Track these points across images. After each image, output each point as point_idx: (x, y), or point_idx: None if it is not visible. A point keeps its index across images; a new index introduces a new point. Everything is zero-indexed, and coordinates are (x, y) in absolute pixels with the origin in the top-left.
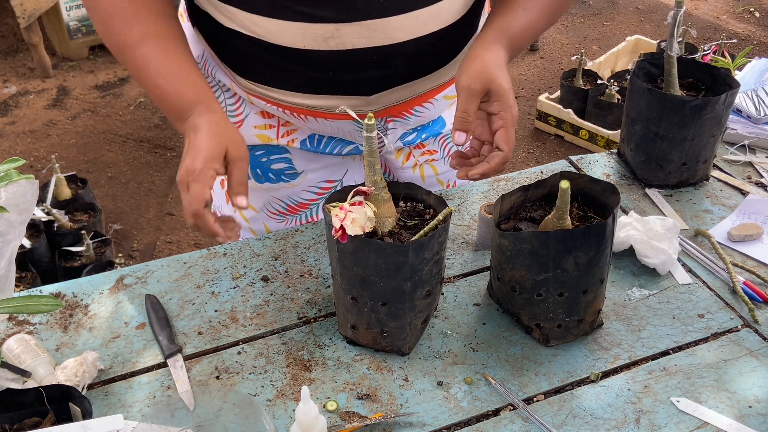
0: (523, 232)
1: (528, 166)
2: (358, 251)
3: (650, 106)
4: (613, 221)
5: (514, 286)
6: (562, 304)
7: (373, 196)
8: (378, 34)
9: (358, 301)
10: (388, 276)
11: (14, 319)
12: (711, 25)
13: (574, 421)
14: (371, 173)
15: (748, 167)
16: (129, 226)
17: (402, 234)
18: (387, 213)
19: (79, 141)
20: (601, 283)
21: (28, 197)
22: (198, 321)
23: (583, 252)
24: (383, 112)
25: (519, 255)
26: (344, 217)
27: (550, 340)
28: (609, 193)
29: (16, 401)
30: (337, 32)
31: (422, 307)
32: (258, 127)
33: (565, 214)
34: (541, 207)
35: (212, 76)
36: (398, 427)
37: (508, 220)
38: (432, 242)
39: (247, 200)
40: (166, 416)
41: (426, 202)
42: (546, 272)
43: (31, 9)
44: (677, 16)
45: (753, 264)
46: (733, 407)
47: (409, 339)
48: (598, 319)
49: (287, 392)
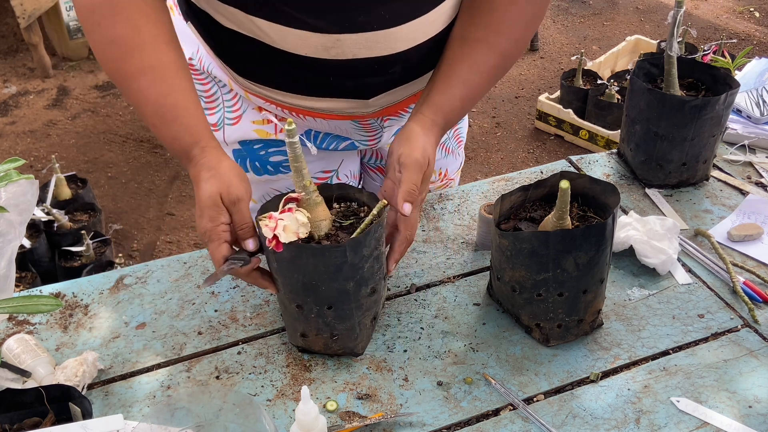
0: (523, 232)
1: (528, 166)
2: (295, 258)
3: (650, 106)
4: (613, 221)
5: (514, 286)
6: (562, 304)
7: (305, 200)
8: (379, 45)
9: (304, 308)
10: (329, 278)
11: (14, 319)
12: (711, 25)
13: (574, 421)
14: (299, 178)
15: (748, 167)
16: (129, 226)
17: (339, 235)
18: (321, 216)
19: (79, 141)
20: (601, 283)
21: (28, 197)
22: (198, 321)
23: (583, 252)
24: (380, 112)
25: (519, 255)
26: (275, 226)
27: (550, 340)
28: (609, 193)
29: (16, 401)
30: (338, 42)
31: (369, 305)
32: (256, 122)
33: (565, 214)
34: (541, 207)
35: (208, 72)
36: (398, 427)
37: (508, 220)
38: (369, 239)
39: (256, 243)
40: (166, 416)
41: (359, 200)
42: (546, 272)
43: (31, 9)
44: (677, 16)
45: (753, 264)
46: (733, 407)
47: (360, 339)
48: (598, 319)
49: (287, 392)
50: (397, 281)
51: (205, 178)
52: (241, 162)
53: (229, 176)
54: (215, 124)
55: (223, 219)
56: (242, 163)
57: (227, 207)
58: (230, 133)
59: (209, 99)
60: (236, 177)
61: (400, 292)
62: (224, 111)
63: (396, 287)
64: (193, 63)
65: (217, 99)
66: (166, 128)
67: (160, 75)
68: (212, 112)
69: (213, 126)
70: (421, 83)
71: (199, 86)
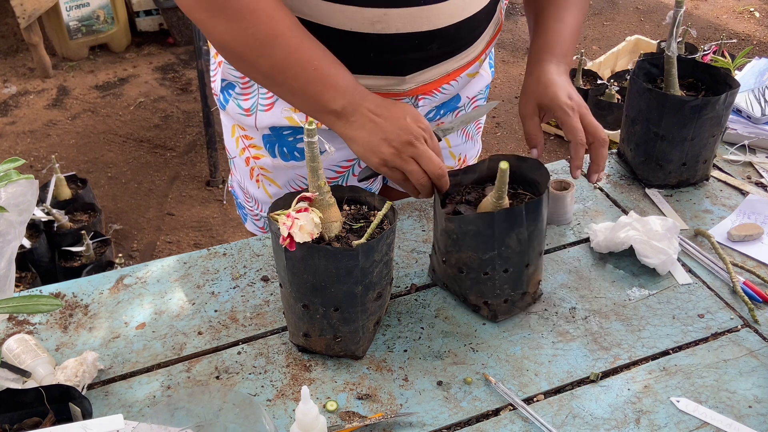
0: (469, 215)
1: None
2: (307, 258)
3: (650, 106)
4: (547, 195)
5: (461, 268)
6: (508, 280)
7: (318, 201)
8: (423, 20)
9: (310, 308)
10: (339, 281)
11: (14, 319)
12: (711, 25)
13: (574, 421)
14: (314, 178)
15: (748, 167)
16: (129, 226)
17: (349, 237)
18: (333, 217)
19: (79, 141)
20: (540, 256)
21: (28, 197)
22: (198, 321)
23: (524, 228)
24: (415, 90)
25: (465, 237)
26: (291, 225)
27: (498, 315)
28: (536, 169)
29: (16, 401)
30: (384, 17)
31: (374, 310)
32: (287, 109)
33: (504, 194)
34: (475, 190)
35: None
36: (398, 427)
37: (445, 204)
38: (381, 244)
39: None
40: (166, 416)
41: (370, 203)
42: (492, 251)
43: (31, 9)
44: (677, 15)
45: (753, 264)
46: (733, 407)
47: (362, 342)
48: (538, 291)
49: (287, 392)
50: (397, 281)
51: (390, 102)
52: (270, 147)
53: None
54: (248, 109)
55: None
56: (271, 149)
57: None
58: (262, 118)
59: (245, 85)
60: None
61: (400, 292)
62: (258, 97)
63: (396, 287)
64: None
65: (253, 86)
66: (330, 68)
67: (303, 29)
68: (247, 97)
69: (246, 111)
70: (454, 63)
71: (236, 72)
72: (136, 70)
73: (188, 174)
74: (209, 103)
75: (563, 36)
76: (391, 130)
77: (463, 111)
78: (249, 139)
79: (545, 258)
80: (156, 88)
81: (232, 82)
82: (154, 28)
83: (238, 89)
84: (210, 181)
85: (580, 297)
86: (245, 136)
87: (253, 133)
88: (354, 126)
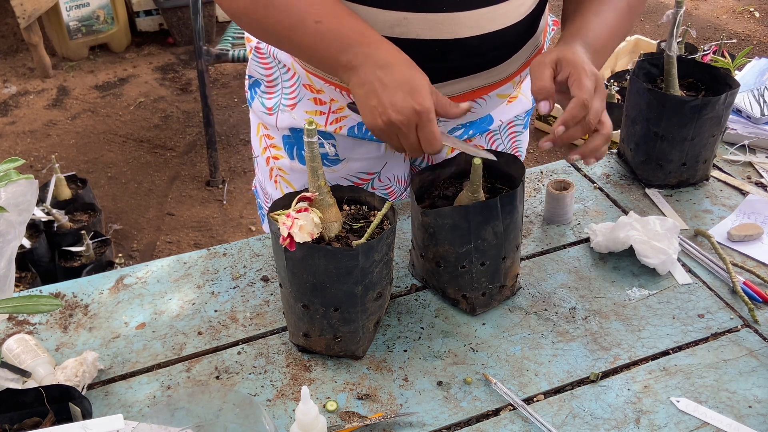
0: (444, 208)
1: (528, 166)
2: (307, 258)
3: (650, 106)
4: (522, 188)
5: (438, 262)
6: (485, 273)
7: (318, 201)
8: (444, 27)
9: (310, 308)
10: (339, 281)
11: (14, 319)
12: (711, 25)
13: (574, 421)
14: (314, 178)
15: (748, 167)
16: (129, 226)
17: (349, 237)
18: (332, 217)
19: (79, 141)
20: (517, 249)
21: (28, 197)
22: (198, 321)
23: (499, 221)
24: None
25: (441, 230)
26: (291, 225)
27: (476, 308)
28: (511, 163)
29: (16, 401)
30: (404, 21)
31: (374, 310)
32: (309, 112)
33: (479, 188)
34: (452, 185)
35: (273, 56)
36: (398, 427)
37: (423, 199)
38: (381, 244)
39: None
40: (166, 416)
41: (370, 203)
42: (468, 244)
43: (31, 9)
44: (677, 15)
45: (753, 264)
46: (733, 407)
47: (362, 342)
48: (516, 284)
49: (287, 392)
50: (397, 281)
51: (403, 61)
52: (288, 148)
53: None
54: (270, 108)
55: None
56: (290, 150)
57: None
58: (283, 118)
59: (270, 83)
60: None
61: (400, 292)
62: (281, 97)
63: (396, 287)
64: (261, 45)
65: (277, 85)
66: (343, 19)
67: None
68: (270, 96)
69: (269, 110)
70: (479, 80)
71: (261, 70)
72: (136, 70)
73: (188, 174)
74: (209, 103)
75: (599, 30)
76: (397, 98)
77: (498, 136)
78: (270, 139)
79: (545, 258)
80: (156, 88)
81: (258, 79)
82: (154, 28)
83: (263, 87)
84: (210, 181)
85: (580, 297)
86: (267, 135)
87: (274, 132)
88: (359, 81)
